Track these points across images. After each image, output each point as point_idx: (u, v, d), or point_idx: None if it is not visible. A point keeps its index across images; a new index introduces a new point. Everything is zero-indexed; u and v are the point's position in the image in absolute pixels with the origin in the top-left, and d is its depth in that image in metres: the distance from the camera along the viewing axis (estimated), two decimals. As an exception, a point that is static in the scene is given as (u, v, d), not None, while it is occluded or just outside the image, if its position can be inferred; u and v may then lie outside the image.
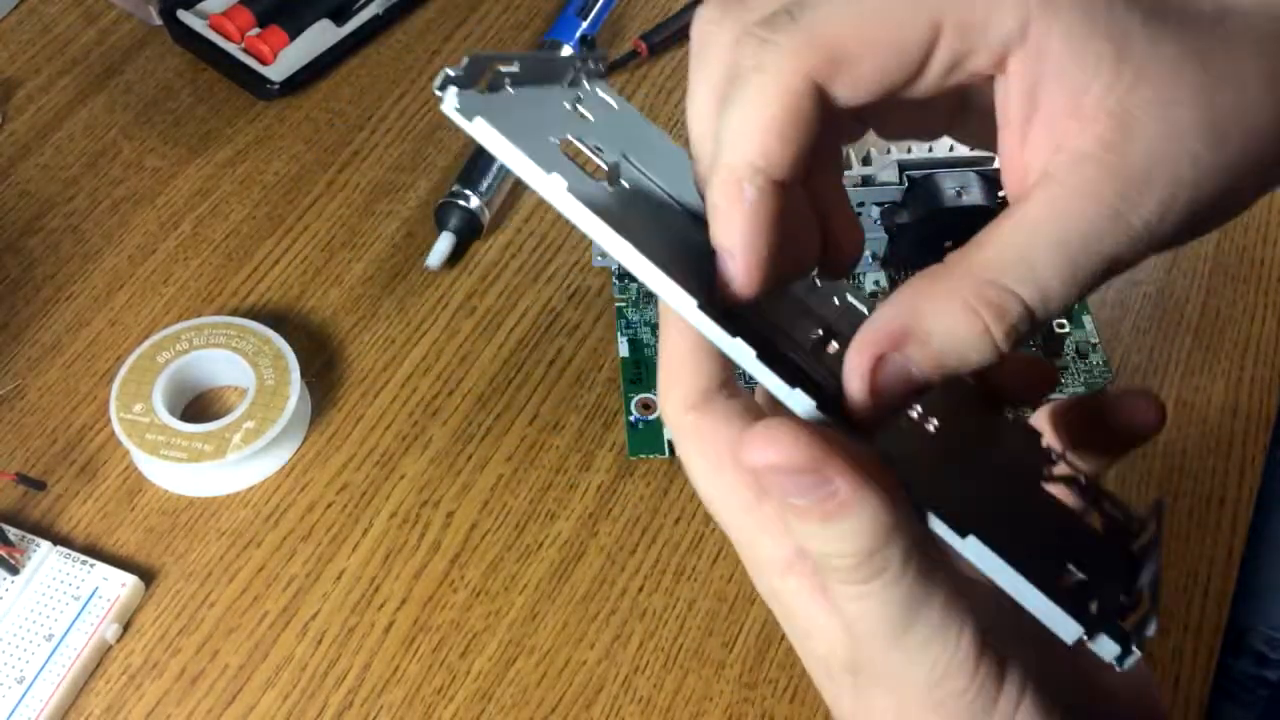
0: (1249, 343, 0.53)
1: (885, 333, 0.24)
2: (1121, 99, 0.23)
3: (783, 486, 0.24)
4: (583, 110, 0.29)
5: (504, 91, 0.26)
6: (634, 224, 0.25)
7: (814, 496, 0.23)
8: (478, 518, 0.47)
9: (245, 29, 0.61)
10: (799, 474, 0.23)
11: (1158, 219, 0.23)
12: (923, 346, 0.24)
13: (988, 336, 0.23)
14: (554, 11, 0.64)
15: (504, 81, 0.27)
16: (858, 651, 0.25)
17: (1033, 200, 0.23)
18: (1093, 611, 0.23)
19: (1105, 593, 0.24)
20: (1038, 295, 0.23)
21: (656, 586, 0.46)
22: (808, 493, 0.23)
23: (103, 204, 0.57)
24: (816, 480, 0.23)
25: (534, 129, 0.26)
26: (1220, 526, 0.48)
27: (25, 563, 0.44)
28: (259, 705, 0.43)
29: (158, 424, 0.47)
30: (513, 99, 0.27)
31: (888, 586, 0.24)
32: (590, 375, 0.51)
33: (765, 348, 0.24)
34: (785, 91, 0.24)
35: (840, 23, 0.23)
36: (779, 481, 0.24)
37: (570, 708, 0.43)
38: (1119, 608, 0.24)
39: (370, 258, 0.55)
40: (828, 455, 0.23)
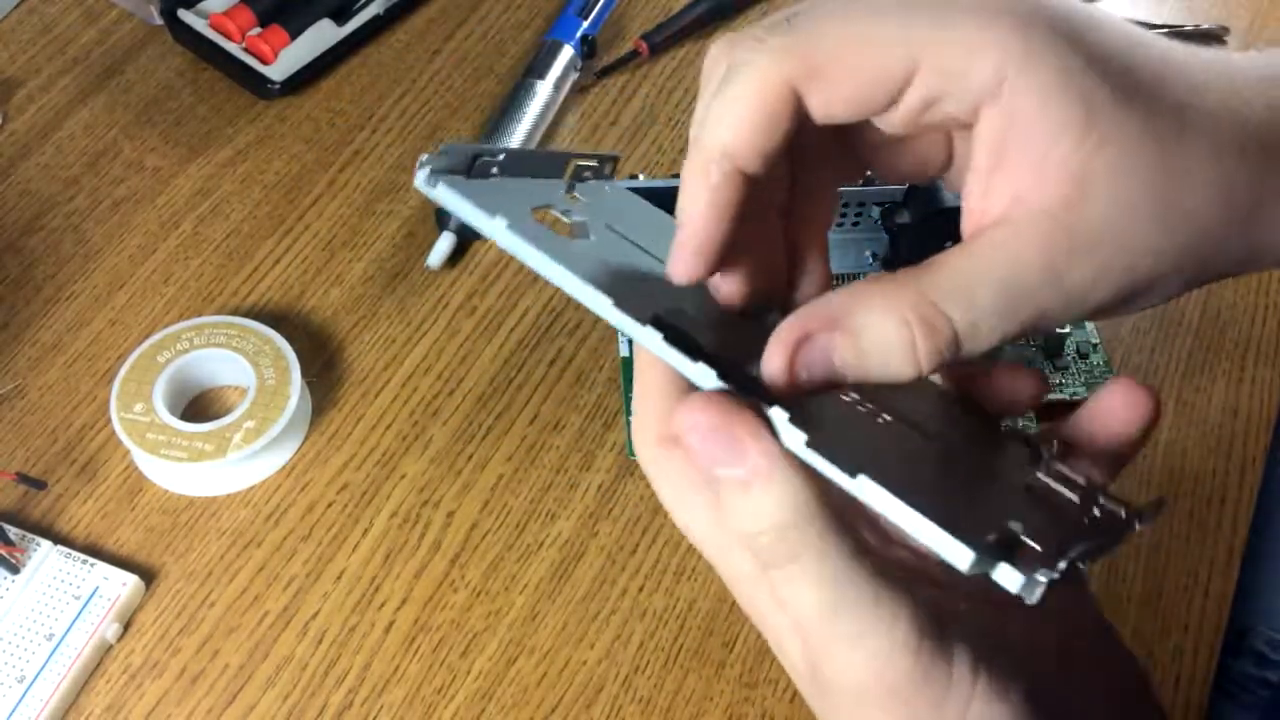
0: (1249, 343, 0.53)
1: (819, 315, 0.25)
2: (1084, 162, 0.24)
3: (706, 453, 0.25)
4: (578, 195, 0.32)
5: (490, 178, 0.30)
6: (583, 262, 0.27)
7: (733, 466, 0.25)
8: (478, 517, 0.47)
9: (246, 28, 0.61)
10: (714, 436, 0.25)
11: (1090, 284, 0.25)
12: (849, 339, 0.25)
13: (911, 350, 0.25)
14: (554, 11, 0.64)
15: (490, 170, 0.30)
16: (809, 649, 0.26)
17: (985, 240, 0.25)
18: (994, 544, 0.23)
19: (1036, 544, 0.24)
20: (968, 325, 0.25)
21: (657, 586, 0.46)
22: (726, 459, 0.25)
23: (103, 203, 0.57)
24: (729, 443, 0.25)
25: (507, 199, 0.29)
26: (1220, 526, 0.48)
27: (26, 562, 0.44)
28: (259, 705, 0.43)
29: (158, 423, 0.47)
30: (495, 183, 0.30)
31: (811, 566, 0.25)
32: (591, 375, 0.51)
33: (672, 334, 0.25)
34: (765, 86, 0.25)
35: (827, 39, 0.25)
36: (702, 449, 0.25)
37: (570, 707, 0.43)
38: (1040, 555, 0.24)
39: (371, 257, 0.55)
40: (739, 416, 0.25)
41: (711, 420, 0.25)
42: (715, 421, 0.25)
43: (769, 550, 0.25)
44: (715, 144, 0.26)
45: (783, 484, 0.25)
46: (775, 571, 0.26)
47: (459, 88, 0.62)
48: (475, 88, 0.62)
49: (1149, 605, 0.46)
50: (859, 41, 0.25)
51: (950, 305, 0.25)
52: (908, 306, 0.25)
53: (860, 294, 0.25)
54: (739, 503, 0.25)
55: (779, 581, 0.26)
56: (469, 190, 0.28)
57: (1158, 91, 0.25)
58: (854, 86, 0.25)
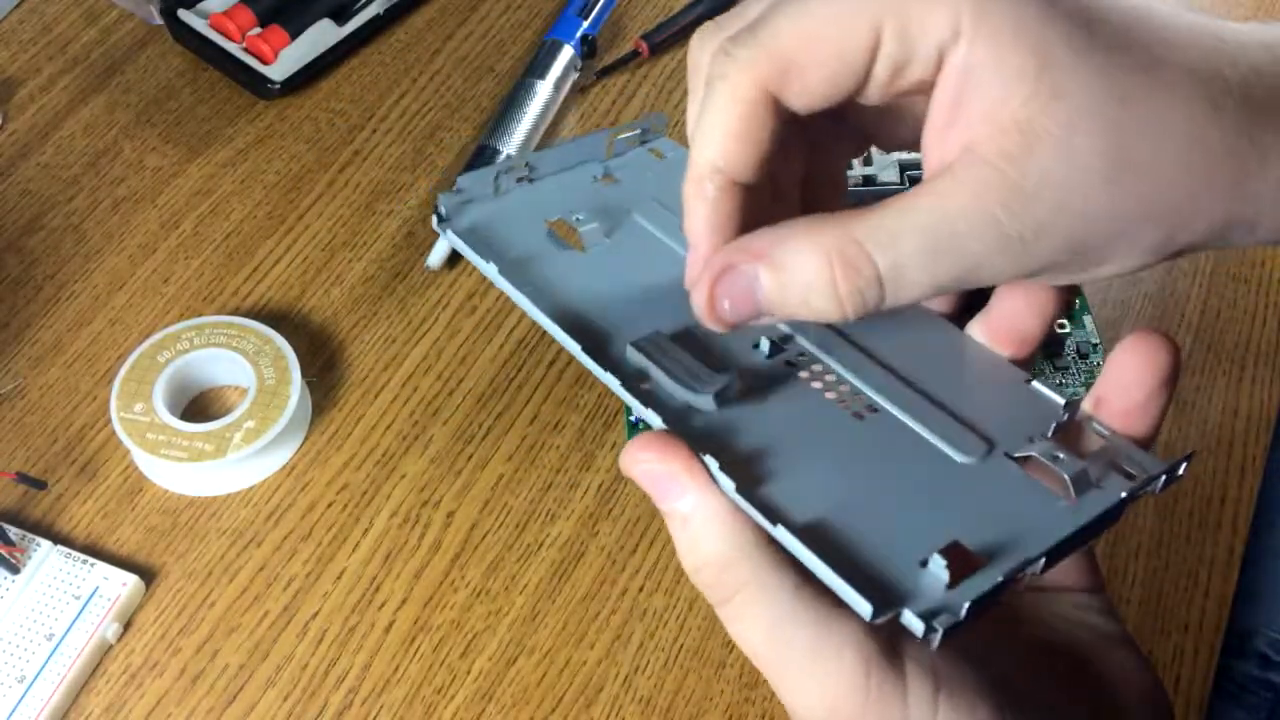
0: (1249, 343, 0.53)
1: (746, 249, 0.26)
2: (1033, 116, 0.24)
3: (650, 489, 0.26)
4: (615, 176, 0.35)
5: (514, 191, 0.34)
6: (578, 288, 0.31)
7: (673, 502, 0.26)
8: (478, 517, 0.47)
9: (246, 28, 0.61)
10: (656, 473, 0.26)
11: (1033, 235, 0.24)
12: (771, 273, 0.26)
13: (833, 288, 0.25)
14: (554, 11, 0.64)
15: (516, 183, 0.34)
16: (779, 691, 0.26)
17: (924, 188, 0.25)
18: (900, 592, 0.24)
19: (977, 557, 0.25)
20: (892, 268, 0.25)
21: (657, 586, 0.46)
22: (667, 496, 0.26)
23: (103, 203, 0.57)
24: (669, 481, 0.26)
25: (527, 218, 0.33)
26: (1221, 527, 0.48)
27: (26, 562, 0.44)
28: (259, 705, 0.43)
29: (158, 423, 0.47)
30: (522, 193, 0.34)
31: (751, 602, 0.26)
32: (590, 375, 0.51)
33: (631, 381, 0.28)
34: (740, 99, 0.26)
35: (789, 34, 0.25)
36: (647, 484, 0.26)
37: (570, 707, 0.43)
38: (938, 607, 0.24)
39: (371, 257, 0.55)
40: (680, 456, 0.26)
41: (653, 458, 0.26)
42: (656, 459, 0.26)
43: (709, 587, 0.26)
44: (705, 162, 0.27)
45: (718, 523, 0.26)
46: (720, 608, 0.26)
47: (459, 88, 0.62)
48: (475, 88, 0.62)
49: (1149, 605, 0.46)
50: (820, 28, 0.25)
51: (874, 246, 0.25)
52: (831, 244, 0.25)
53: (788, 230, 0.26)
54: (681, 537, 0.26)
55: (726, 617, 0.26)
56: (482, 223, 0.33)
57: (1123, 44, 0.24)
58: (825, 73, 0.25)
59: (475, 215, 0.33)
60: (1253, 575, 0.48)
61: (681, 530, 0.26)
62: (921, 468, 0.27)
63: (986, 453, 0.28)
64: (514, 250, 0.32)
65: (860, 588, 0.24)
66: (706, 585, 0.26)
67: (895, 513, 0.26)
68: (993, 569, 0.24)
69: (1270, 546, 0.53)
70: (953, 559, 0.24)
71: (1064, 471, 0.27)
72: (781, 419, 0.28)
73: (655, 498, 0.27)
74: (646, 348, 0.29)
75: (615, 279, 0.32)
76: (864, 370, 0.29)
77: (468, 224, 0.33)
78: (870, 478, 0.27)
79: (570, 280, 0.32)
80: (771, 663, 0.26)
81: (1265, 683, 0.55)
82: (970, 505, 0.26)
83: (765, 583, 0.25)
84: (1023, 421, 0.28)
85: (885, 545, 0.25)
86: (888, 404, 0.29)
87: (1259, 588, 0.52)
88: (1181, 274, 0.55)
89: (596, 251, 0.33)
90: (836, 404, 0.29)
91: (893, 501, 0.27)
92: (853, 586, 0.24)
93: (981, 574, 0.24)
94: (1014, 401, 0.29)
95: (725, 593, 0.26)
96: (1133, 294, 0.54)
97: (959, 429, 0.28)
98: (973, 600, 0.23)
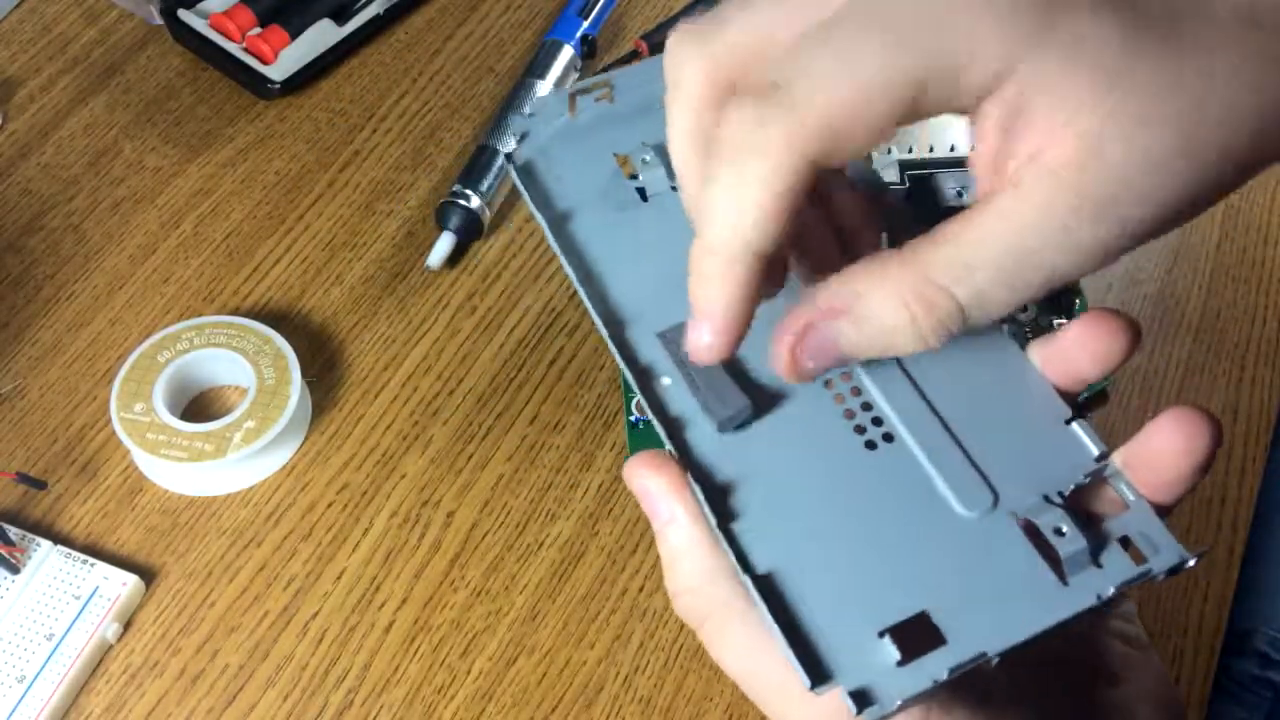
0: (1249, 343, 0.53)
1: (826, 308, 0.25)
2: (1096, 124, 0.23)
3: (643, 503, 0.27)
4: None
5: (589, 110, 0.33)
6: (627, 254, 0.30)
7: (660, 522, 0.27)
8: (478, 517, 0.47)
9: (246, 28, 0.61)
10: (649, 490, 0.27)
11: (1112, 238, 0.24)
12: (851, 325, 0.25)
13: (914, 328, 0.24)
14: (555, 11, 0.64)
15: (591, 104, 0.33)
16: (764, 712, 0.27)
17: (989, 207, 0.24)
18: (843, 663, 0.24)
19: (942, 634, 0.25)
20: (973, 297, 0.24)
21: (657, 586, 0.46)
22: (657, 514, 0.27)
23: (103, 203, 0.57)
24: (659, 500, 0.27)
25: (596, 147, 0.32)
26: (1221, 527, 0.48)
27: (26, 562, 0.44)
28: (259, 705, 0.43)
29: (158, 423, 0.47)
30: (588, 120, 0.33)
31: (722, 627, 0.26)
32: (591, 375, 0.51)
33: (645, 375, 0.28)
34: (783, 178, 0.24)
35: (831, 96, 0.23)
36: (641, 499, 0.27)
37: (570, 707, 0.43)
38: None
39: (371, 257, 0.55)
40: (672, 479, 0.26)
41: (647, 475, 0.27)
42: (651, 475, 0.27)
43: (685, 611, 0.27)
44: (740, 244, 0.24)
45: (696, 548, 0.26)
46: (698, 631, 0.27)
47: (459, 88, 0.62)
48: (475, 88, 0.62)
49: (1149, 606, 0.46)
50: (864, 86, 0.23)
51: (950, 281, 0.24)
52: (907, 288, 0.24)
53: (860, 280, 0.25)
54: (663, 554, 0.27)
55: (704, 641, 0.27)
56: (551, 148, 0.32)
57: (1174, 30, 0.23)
58: (871, 132, 0.24)
59: (545, 138, 0.32)
60: (1251, 573, 0.48)
61: (664, 550, 0.27)
62: (919, 516, 0.26)
63: (990, 507, 0.26)
64: (572, 189, 0.31)
65: (803, 657, 0.24)
66: (683, 609, 0.27)
67: (874, 567, 0.26)
68: (948, 652, 0.24)
69: (1270, 546, 0.53)
70: (907, 636, 0.24)
71: (1061, 549, 0.25)
72: (788, 439, 0.28)
73: (646, 513, 0.27)
74: (672, 345, 0.28)
75: (664, 242, 0.30)
76: (894, 392, 0.28)
77: (537, 149, 0.32)
78: (862, 521, 0.26)
79: (618, 240, 0.31)
80: (751, 686, 0.27)
81: (1265, 681, 0.55)
82: (957, 566, 0.26)
83: (733, 609, 0.26)
84: (1047, 468, 0.27)
85: (849, 606, 0.25)
86: (906, 435, 0.28)
87: (1258, 586, 0.52)
88: (1181, 274, 0.55)
89: (655, 203, 0.32)
90: (852, 430, 0.28)
91: (876, 553, 0.26)
92: (796, 655, 0.24)
93: (936, 655, 0.24)
94: (1045, 443, 0.28)
95: (698, 617, 0.27)
96: (1133, 294, 0.54)
97: (969, 476, 0.27)
98: (905, 698, 0.23)
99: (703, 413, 0.27)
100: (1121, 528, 0.26)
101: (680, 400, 0.28)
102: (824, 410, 0.28)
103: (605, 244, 0.31)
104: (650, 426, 0.48)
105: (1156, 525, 0.26)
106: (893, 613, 0.25)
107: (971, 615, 0.25)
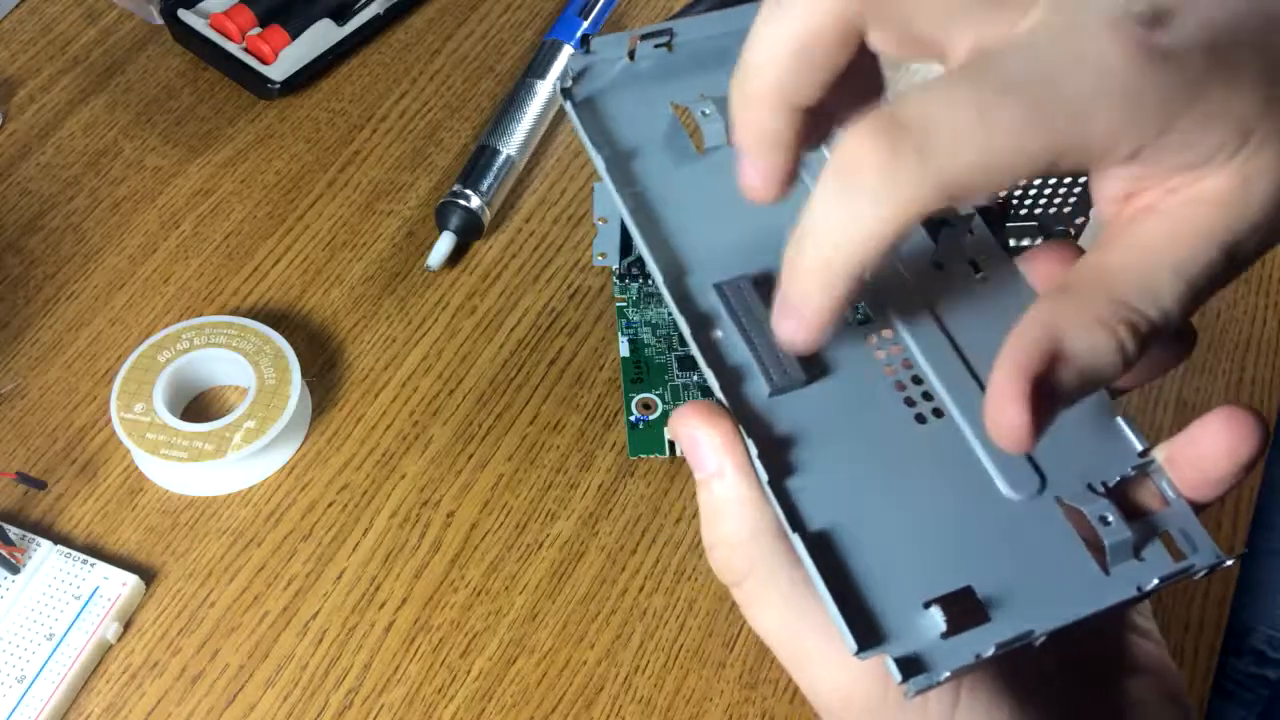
0: (1250, 344, 0.53)
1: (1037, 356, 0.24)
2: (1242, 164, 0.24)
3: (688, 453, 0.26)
4: None
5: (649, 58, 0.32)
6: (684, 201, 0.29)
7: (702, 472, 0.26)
8: (478, 517, 0.47)
9: (246, 28, 0.61)
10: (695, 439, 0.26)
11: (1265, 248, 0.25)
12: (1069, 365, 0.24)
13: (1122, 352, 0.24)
14: (555, 11, 0.64)
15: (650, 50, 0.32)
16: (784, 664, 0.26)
17: (1148, 231, 0.25)
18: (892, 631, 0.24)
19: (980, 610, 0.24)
20: (1161, 316, 0.24)
21: (657, 586, 0.46)
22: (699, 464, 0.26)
23: (103, 203, 0.57)
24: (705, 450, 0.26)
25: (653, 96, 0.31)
26: (1221, 527, 0.48)
27: (26, 562, 0.44)
28: (259, 705, 0.43)
29: (158, 423, 0.47)
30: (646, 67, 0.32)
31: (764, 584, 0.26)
32: (591, 375, 0.51)
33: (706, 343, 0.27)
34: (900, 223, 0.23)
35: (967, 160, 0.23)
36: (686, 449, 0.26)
37: (570, 707, 0.43)
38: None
39: (371, 257, 0.55)
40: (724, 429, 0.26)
41: (699, 423, 0.26)
42: (701, 425, 0.26)
43: (722, 567, 0.26)
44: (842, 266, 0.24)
45: (741, 505, 0.26)
46: (733, 590, 0.26)
47: (459, 88, 0.62)
48: (475, 88, 0.62)
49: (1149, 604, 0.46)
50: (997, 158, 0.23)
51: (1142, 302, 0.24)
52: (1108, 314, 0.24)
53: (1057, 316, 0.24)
54: (704, 510, 0.26)
55: (740, 601, 0.26)
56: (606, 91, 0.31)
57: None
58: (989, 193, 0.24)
59: (601, 82, 0.31)
60: (1249, 572, 0.48)
61: (706, 502, 0.26)
62: (965, 493, 0.26)
63: (1036, 491, 0.27)
64: (628, 132, 0.31)
65: (851, 620, 0.23)
66: (719, 564, 0.26)
67: (920, 539, 0.25)
68: (992, 629, 0.24)
69: (1269, 546, 0.53)
70: (955, 608, 0.24)
71: (1106, 538, 0.26)
72: (839, 406, 0.27)
73: (691, 464, 0.26)
74: (730, 298, 0.28)
75: (721, 197, 0.29)
76: (946, 370, 0.28)
77: (591, 91, 0.31)
78: (909, 493, 0.26)
79: (675, 187, 0.30)
80: (785, 649, 0.26)
81: (1261, 679, 0.55)
82: (1001, 547, 0.26)
83: (776, 568, 0.25)
84: (1091, 459, 0.27)
85: (897, 575, 0.25)
86: (956, 412, 0.27)
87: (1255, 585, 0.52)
88: (1181, 274, 0.55)
89: (713, 157, 0.31)
90: (902, 401, 0.28)
91: (922, 526, 0.26)
92: (844, 617, 0.23)
93: (980, 630, 0.24)
94: (1090, 434, 0.28)
95: (736, 575, 0.26)
96: (1132, 294, 0.54)
97: (1016, 461, 0.27)
98: (953, 670, 0.23)
99: (757, 372, 0.27)
100: (1160, 523, 0.26)
101: (735, 353, 0.27)
102: (875, 380, 0.28)
103: (662, 189, 0.30)
104: (651, 426, 0.48)
105: (1194, 524, 0.27)
106: (938, 585, 0.24)
107: (1015, 595, 0.25)
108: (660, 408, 0.49)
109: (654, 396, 0.49)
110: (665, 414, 0.49)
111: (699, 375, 0.50)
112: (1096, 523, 0.26)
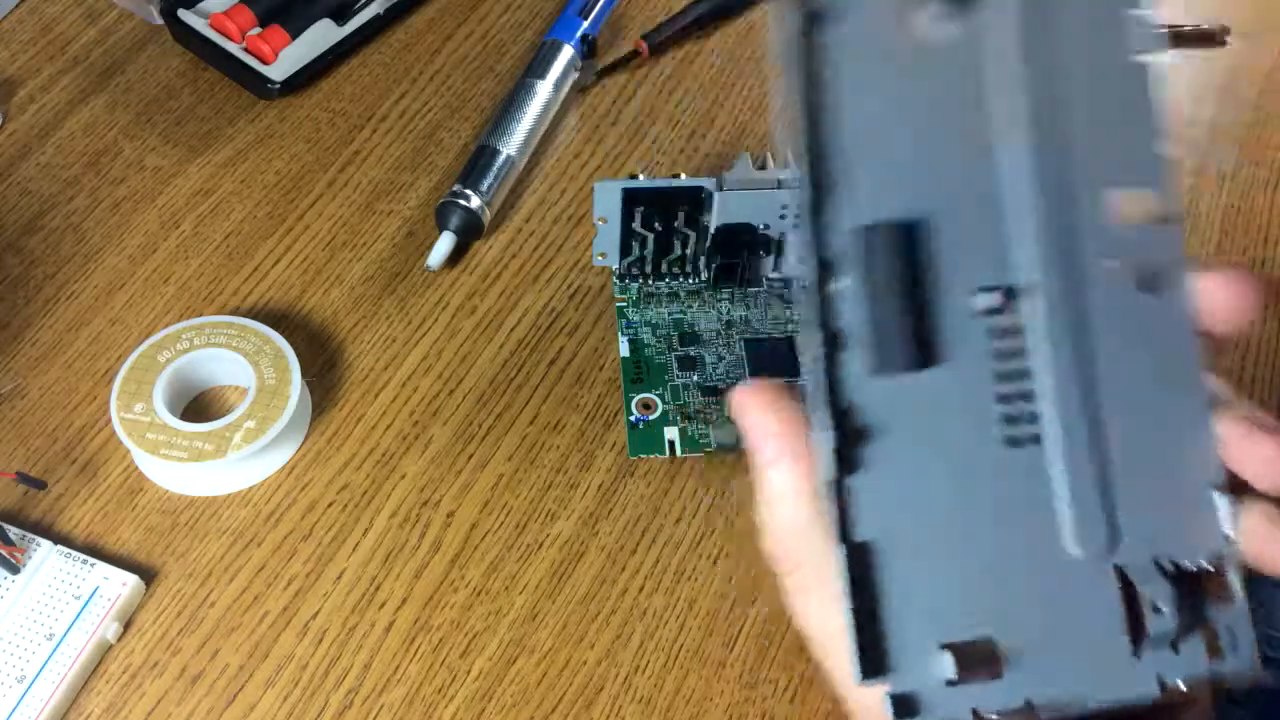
0: (1249, 344, 0.53)
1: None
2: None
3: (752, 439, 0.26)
4: None
5: None
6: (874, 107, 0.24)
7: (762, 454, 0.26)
8: (478, 517, 0.47)
9: (246, 28, 0.61)
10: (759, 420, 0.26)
11: None
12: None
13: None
14: (554, 11, 0.64)
15: None
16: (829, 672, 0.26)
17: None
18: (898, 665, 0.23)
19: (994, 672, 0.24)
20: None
21: (657, 586, 0.46)
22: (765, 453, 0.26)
23: (103, 203, 0.57)
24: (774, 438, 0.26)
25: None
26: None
27: (26, 562, 0.44)
28: (259, 705, 0.43)
29: (158, 423, 0.47)
30: None
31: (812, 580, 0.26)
32: (591, 375, 0.51)
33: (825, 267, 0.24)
34: None
35: None
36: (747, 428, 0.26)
37: (570, 707, 0.43)
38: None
39: (371, 257, 0.55)
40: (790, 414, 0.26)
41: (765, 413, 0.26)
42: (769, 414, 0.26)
43: (774, 555, 0.26)
44: None
45: (798, 497, 0.25)
46: (784, 579, 0.26)
47: (459, 88, 0.62)
48: (475, 88, 0.62)
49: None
50: None
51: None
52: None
53: None
54: (760, 490, 0.26)
55: (789, 589, 0.26)
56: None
57: None
58: None
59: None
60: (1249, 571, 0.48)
61: (765, 491, 0.26)
62: (1026, 537, 0.25)
63: (1102, 548, 0.25)
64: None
65: (864, 647, 0.23)
66: (771, 551, 0.26)
67: (963, 573, 0.24)
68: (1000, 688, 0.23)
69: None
70: (968, 659, 0.23)
71: (1151, 628, 0.24)
72: (934, 403, 0.25)
73: (752, 449, 0.26)
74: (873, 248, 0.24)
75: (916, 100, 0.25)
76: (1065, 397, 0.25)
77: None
78: (968, 521, 0.25)
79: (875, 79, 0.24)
80: (823, 647, 0.26)
81: (1263, 681, 0.55)
82: (1040, 603, 0.25)
83: (826, 563, 0.25)
84: (1174, 527, 0.26)
85: (926, 606, 0.24)
86: (1054, 446, 0.25)
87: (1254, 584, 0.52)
88: (1181, 274, 0.55)
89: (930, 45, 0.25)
90: (1002, 418, 0.25)
91: (969, 559, 0.24)
92: (859, 643, 0.23)
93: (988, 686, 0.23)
94: (1183, 500, 0.26)
95: (787, 564, 0.26)
96: (1132, 294, 0.54)
97: (1094, 514, 0.25)
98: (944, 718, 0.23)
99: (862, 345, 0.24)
100: (1211, 616, 0.26)
101: (849, 312, 0.24)
102: (981, 386, 0.25)
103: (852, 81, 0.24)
104: (651, 426, 0.48)
105: (1246, 627, 0.26)
106: (963, 626, 0.24)
107: (1036, 657, 0.24)
108: (660, 408, 0.49)
109: (654, 396, 0.49)
110: (665, 414, 0.49)
111: (699, 375, 0.50)
112: (1148, 608, 0.25)
